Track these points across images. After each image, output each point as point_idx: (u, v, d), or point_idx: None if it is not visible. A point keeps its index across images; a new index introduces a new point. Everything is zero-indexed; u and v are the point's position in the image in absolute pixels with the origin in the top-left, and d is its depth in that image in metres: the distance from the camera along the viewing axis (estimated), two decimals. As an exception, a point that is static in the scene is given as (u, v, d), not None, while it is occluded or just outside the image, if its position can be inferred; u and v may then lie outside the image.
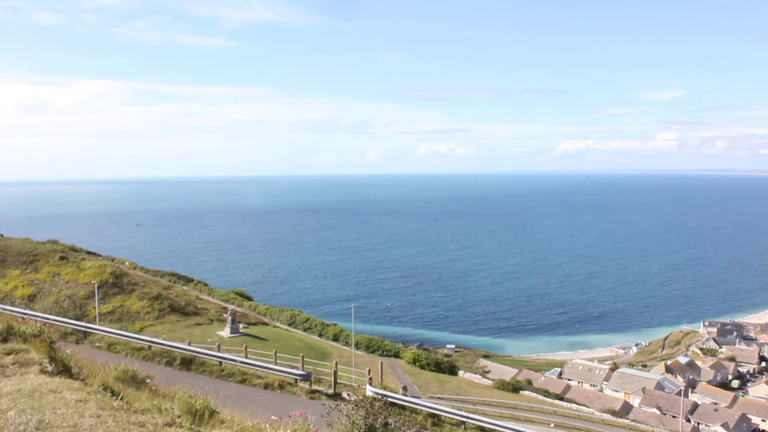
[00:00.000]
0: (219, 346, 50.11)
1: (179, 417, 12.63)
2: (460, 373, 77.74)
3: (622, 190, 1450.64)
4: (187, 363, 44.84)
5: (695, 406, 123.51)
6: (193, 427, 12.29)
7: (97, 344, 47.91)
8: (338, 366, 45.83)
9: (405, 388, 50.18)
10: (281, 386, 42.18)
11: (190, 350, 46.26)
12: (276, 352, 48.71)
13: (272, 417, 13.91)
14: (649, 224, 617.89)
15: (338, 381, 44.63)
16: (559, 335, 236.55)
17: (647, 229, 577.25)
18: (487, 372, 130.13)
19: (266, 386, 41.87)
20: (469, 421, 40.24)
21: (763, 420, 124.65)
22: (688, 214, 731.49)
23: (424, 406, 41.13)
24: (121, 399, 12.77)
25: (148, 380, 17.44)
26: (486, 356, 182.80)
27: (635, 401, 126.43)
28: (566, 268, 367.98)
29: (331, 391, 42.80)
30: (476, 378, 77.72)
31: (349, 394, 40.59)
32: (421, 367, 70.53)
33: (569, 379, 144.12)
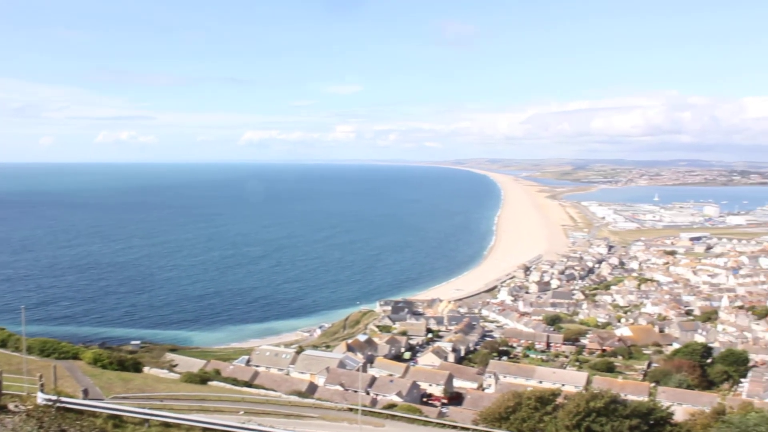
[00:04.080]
0: None
1: None
2: (146, 369, 75.18)
3: (306, 178, 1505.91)
4: None
5: (373, 379, 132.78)
6: None
7: None
8: (4, 375, 41.69)
9: (86, 392, 47.28)
10: (-67, 404, 37.23)
11: None
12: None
13: None
14: (329, 211, 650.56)
15: (4, 392, 40.60)
16: (247, 323, 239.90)
17: (327, 216, 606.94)
18: (175, 366, 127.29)
19: None
20: (153, 418, 39.17)
21: (429, 385, 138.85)
22: (363, 202, 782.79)
23: (104, 408, 39.13)
24: None
25: None
26: (173, 350, 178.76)
27: (320, 380, 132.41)
28: (253, 257, 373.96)
29: (-5, 404, 38.79)
30: (163, 373, 75.72)
31: (17, 405, 37.14)
32: (104, 366, 66.87)
33: (257, 366, 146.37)
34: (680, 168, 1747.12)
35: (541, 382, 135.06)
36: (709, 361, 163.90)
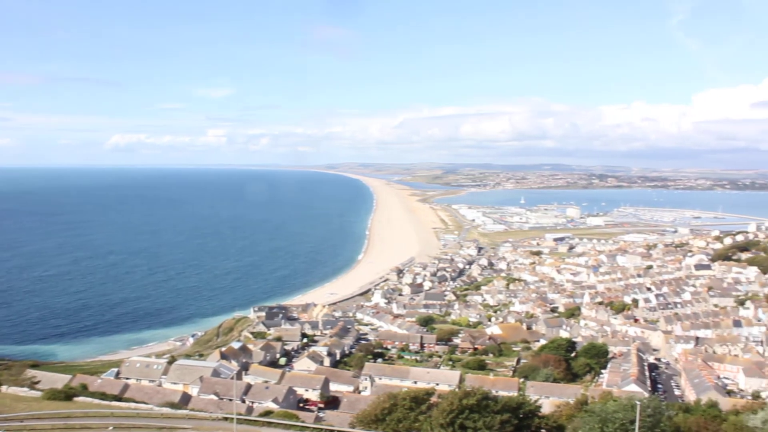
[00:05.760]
0: None
1: None
2: (3, 388, 71.36)
3: (175, 183, 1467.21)
4: None
5: (249, 386, 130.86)
6: None
7: None
8: None
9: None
10: None
11: None
12: None
13: None
14: (203, 218, 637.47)
15: None
16: (117, 334, 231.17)
17: (200, 222, 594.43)
18: (37, 383, 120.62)
19: None
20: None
21: (306, 390, 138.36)
22: (239, 208, 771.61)
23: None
24: None
25: None
26: (35, 366, 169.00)
27: (194, 390, 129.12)
28: (122, 265, 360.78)
29: None
30: (23, 391, 72.12)
31: None
32: (-45, 387, 62.84)
33: (128, 378, 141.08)
34: (544, 172, 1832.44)
35: (415, 382, 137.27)
36: (573, 354, 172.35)
